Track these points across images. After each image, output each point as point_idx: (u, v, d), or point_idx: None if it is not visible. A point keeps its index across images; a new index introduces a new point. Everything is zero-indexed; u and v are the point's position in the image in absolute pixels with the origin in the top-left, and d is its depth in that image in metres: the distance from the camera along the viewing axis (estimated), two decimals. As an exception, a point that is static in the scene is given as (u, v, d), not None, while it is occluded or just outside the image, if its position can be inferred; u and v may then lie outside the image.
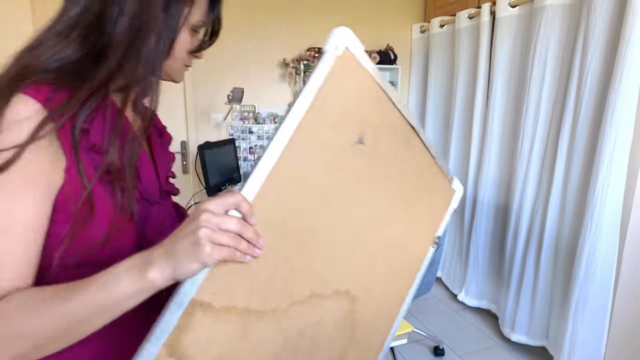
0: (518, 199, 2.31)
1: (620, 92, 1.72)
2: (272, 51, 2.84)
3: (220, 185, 2.24)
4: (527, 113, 2.21)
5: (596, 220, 1.82)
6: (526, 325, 2.24)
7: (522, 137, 2.25)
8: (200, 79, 2.70)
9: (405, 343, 2.07)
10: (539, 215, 2.22)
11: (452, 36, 2.83)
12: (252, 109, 2.86)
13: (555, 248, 2.15)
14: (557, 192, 2.08)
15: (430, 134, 3.08)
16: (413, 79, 3.22)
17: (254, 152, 2.90)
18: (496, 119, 2.45)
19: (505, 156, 2.46)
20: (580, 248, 1.88)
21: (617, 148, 1.75)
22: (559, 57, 2.10)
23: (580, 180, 1.98)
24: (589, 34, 1.89)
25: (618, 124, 1.74)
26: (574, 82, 1.98)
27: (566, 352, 1.94)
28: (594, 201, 1.82)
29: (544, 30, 2.09)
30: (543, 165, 2.20)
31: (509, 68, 2.38)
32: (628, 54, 1.69)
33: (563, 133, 2.03)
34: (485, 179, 2.53)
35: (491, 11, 2.45)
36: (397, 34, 3.16)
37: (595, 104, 1.91)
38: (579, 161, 1.97)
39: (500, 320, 2.42)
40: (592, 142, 1.93)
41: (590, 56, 1.89)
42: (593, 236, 1.83)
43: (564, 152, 2.04)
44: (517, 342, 2.24)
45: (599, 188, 1.80)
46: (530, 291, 2.23)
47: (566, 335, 1.93)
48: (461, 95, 2.75)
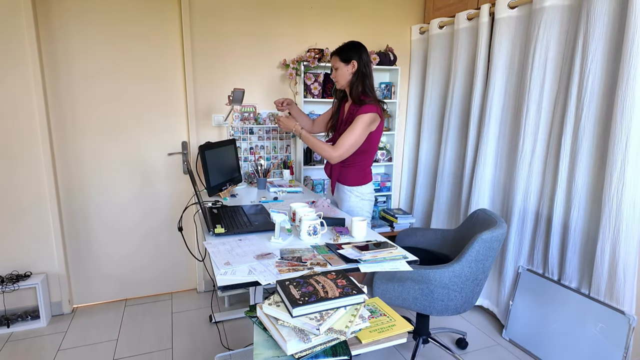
0: (521, 199, 2.32)
1: (628, 93, 1.74)
2: (272, 52, 2.85)
3: (221, 186, 2.25)
4: (528, 114, 2.22)
5: (614, 219, 1.83)
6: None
7: (522, 138, 2.26)
8: (201, 80, 2.71)
9: (404, 342, 2.07)
10: (544, 215, 2.23)
11: (451, 37, 2.84)
12: (253, 109, 2.87)
13: (562, 247, 2.16)
14: (562, 192, 2.09)
15: (427, 134, 3.10)
16: (412, 79, 3.23)
17: (254, 152, 2.91)
18: (493, 119, 2.46)
19: (503, 157, 2.47)
20: (601, 249, 1.89)
21: (630, 148, 1.76)
22: (559, 58, 2.12)
23: (589, 181, 1.99)
24: (588, 35, 1.90)
25: (628, 125, 1.75)
26: (574, 83, 1.99)
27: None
28: (610, 202, 1.83)
29: (544, 31, 2.11)
30: (546, 165, 2.21)
31: (508, 69, 2.39)
32: (633, 55, 1.71)
33: (565, 134, 2.05)
34: (480, 180, 2.54)
35: (490, 12, 2.46)
36: (396, 35, 3.18)
37: (598, 105, 1.93)
38: (586, 162, 1.99)
39: (502, 321, 2.43)
40: (599, 143, 1.94)
41: (590, 57, 1.91)
42: (613, 236, 1.84)
43: (567, 152, 2.06)
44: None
45: (614, 188, 1.81)
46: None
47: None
48: (458, 97, 2.77)
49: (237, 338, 2.38)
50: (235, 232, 1.64)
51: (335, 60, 2.02)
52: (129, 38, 2.55)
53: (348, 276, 1.19)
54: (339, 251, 1.44)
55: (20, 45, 2.31)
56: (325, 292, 1.08)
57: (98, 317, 2.61)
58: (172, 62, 2.66)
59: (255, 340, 1.09)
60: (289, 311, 1.02)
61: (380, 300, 1.32)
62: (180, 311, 2.69)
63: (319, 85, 2.85)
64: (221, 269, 1.30)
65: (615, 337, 1.85)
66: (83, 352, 2.23)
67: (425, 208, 3.22)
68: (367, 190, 2.10)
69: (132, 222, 2.77)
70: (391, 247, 1.46)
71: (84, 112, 2.55)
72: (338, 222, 1.75)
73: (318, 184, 3.08)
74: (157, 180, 2.78)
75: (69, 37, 2.44)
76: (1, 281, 2.43)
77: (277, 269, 1.30)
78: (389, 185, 3.31)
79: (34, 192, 2.47)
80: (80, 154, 2.59)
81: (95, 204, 2.67)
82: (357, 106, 1.99)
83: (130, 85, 2.61)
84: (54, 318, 2.60)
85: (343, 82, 2.03)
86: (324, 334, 1.01)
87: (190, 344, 2.31)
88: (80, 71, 2.49)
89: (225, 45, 2.73)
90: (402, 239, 2.36)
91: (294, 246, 1.52)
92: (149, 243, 2.84)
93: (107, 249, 2.76)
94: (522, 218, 2.34)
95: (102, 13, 2.47)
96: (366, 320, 1.10)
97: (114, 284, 2.82)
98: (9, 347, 2.28)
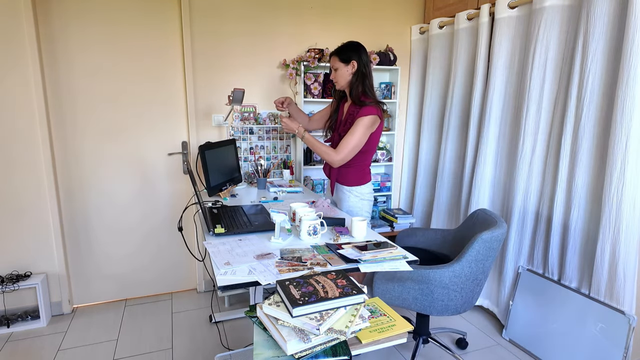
0: (521, 199, 2.32)
1: (628, 93, 1.74)
2: (272, 52, 2.85)
3: (221, 186, 2.25)
4: (528, 114, 2.22)
5: (614, 219, 1.83)
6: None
7: (522, 138, 2.26)
8: (201, 79, 2.71)
9: (404, 342, 2.07)
10: (544, 215, 2.23)
11: (451, 37, 2.84)
12: (253, 109, 2.87)
13: (562, 247, 2.16)
14: (562, 192, 2.09)
15: (427, 134, 3.10)
16: (412, 79, 3.23)
17: (254, 152, 2.91)
18: (493, 119, 2.46)
19: (503, 157, 2.47)
20: (601, 249, 1.89)
21: (630, 148, 1.76)
22: (559, 58, 2.12)
23: (589, 181, 1.99)
24: (588, 35, 1.90)
25: (628, 125, 1.75)
26: (574, 83, 1.99)
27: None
28: (610, 202, 1.83)
29: (544, 31, 2.11)
30: (546, 165, 2.21)
31: (508, 69, 2.39)
32: (633, 55, 1.71)
33: (565, 134, 2.05)
34: (480, 180, 2.54)
35: (490, 12, 2.46)
36: (396, 35, 3.18)
37: (598, 105, 1.93)
38: (586, 162, 1.99)
39: (502, 320, 2.43)
40: (599, 143, 1.94)
41: (590, 57, 1.91)
42: (613, 236, 1.84)
43: (567, 152, 2.06)
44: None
45: (614, 188, 1.81)
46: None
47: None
48: (458, 96, 2.77)
49: (237, 338, 2.38)
50: (235, 232, 1.64)
51: (335, 61, 2.02)
52: (129, 37, 2.55)
53: (348, 276, 1.19)
54: (339, 251, 1.44)
55: (20, 45, 2.31)
56: (325, 292, 1.08)
57: (98, 317, 2.61)
58: (172, 61, 2.66)
59: (255, 340, 1.09)
60: (289, 311, 1.02)
61: (380, 300, 1.32)
62: (180, 311, 2.69)
63: (319, 85, 2.85)
64: (221, 269, 1.30)
65: (615, 337, 1.85)
66: (83, 352, 2.23)
67: (425, 208, 3.22)
68: (367, 190, 2.10)
69: (131, 222, 2.77)
70: (391, 247, 1.46)
71: (84, 112, 2.55)
72: (338, 222, 1.75)
73: (318, 184, 3.08)
74: (157, 180, 2.78)
75: (68, 37, 2.44)
76: (1, 281, 2.43)
77: (277, 269, 1.30)
78: (389, 185, 3.31)
79: (34, 192, 2.47)
80: (80, 154, 2.59)
81: (95, 203, 2.67)
82: (357, 107, 1.98)
83: (130, 85, 2.61)
84: (54, 318, 2.60)
85: (343, 82, 2.03)
86: (324, 334, 1.01)
87: (190, 344, 2.31)
88: (80, 71, 2.49)
89: (225, 45, 2.73)
90: (402, 239, 2.36)
91: (294, 246, 1.52)
92: (149, 243, 2.84)
93: (107, 248, 2.76)
94: (522, 218, 2.34)
95: (102, 12, 2.47)
96: (366, 320, 1.10)
97: (114, 283, 2.81)
98: (9, 347, 2.28)
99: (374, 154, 2.30)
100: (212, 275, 2.90)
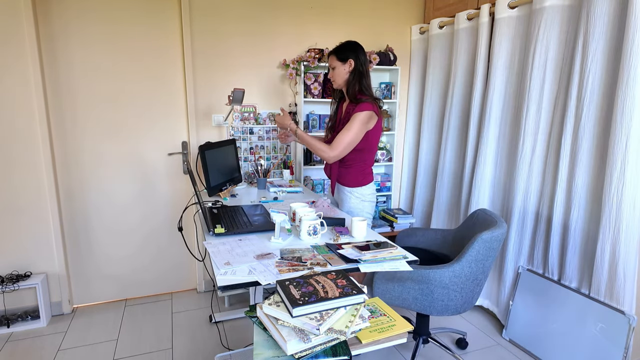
0: (521, 199, 2.32)
1: (628, 93, 1.74)
2: (272, 51, 2.85)
3: (221, 186, 2.25)
4: (528, 114, 2.22)
5: (614, 219, 1.83)
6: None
7: (522, 138, 2.26)
8: (201, 79, 2.71)
9: (404, 342, 2.07)
10: (544, 215, 2.23)
11: (451, 37, 2.84)
12: (253, 109, 2.87)
13: (563, 247, 2.16)
14: (562, 192, 2.09)
15: (427, 134, 3.10)
16: (412, 79, 3.23)
17: (254, 152, 2.91)
18: (493, 119, 2.46)
19: (503, 157, 2.47)
20: (601, 249, 1.89)
21: (630, 148, 1.76)
22: (559, 58, 2.12)
23: (589, 181, 1.99)
24: (588, 35, 1.90)
25: (628, 125, 1.75)
26: (574, 83, 1.99)
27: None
28: (610, 202, 1.83)
29: (544, 31, 2.11)
30: (546, 165, 2.21)
31: (508, 69, 2.39)
32: (633, 55, 1.71)
33: (565, 134, 2.05)
34: (480, 180, 2.54)
35: (490, 12, 2.46)
36: (396, 35, 3.18)
37: (598, 105, 1.93)
38: (586, 162, 1.99)
39: (502, 320, 2.43)
40: (599, 143, 1.94)
41: (590, 57, 1.91)
42: (613, 236, 1.84)
43: (567, 152, 2.06)
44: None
45: (614, 188, 1.81)
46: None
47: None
48: (458, 97, 2.77)
49: (237, 338, 2.38)
50: (235, 232, 1.64)
51: (333, 60, 2.02)
52: (129, 37, 2.55)
53: (348, 276, 1.18)
54: (339, 251, 1.44)
55: (20, 44, 2.31)
56: (325, 292, 1.08)
57: (98, 317, 2.61)
58: (172, 61, 2.66)
59: (255, 340, 1.09)
60: (289, 311, 1.02)
61: (380, 300, 1.32)
62: (180, 311, 2.69)
63: (319, 85, 2.85)
64: (221, 269, 1.30)
65: (615, 337, 1.85)
66: (83, 352, 2.23)
67: (425, 208, 3.22)
68: (368, 191, 2.09)
69: (131, 222, 2.77)
70: (391, 247, 1.46)
71: (84, 111, 2.54)
72: (338, 222, 1.75)
73: (318, 184, 3.07)
74: (157, 180, 2.78)
75: (68, 36, 2.44)
76: (1, 281, 2.43)
77: (277, 269, 1.30)
78: (389, 185, 3.31)
79: (34, 192, 2.47)
80: (80, 154, 2.59)
81: (95, 203, 2.67)
82: (354, 105, 1.98)
83: (130, 84, 2.61)
84: (54, 318, 2.60)
85: (340, 81, 2.03)
86: (324, 334, 1.01)
87: (190, 344, 2.31)
88: (80, 70, 2.49)
89: (225, 45, 2.73)
90: (402, 239, 2.36)
91: (294, 246, 1.52)
92: (149, 243, 2.84)
93: (107, 248, 2.76)
94: (522, 218, 2.34)
95: (102, 12, 2.47)
96: (366, 320, 1.10)
97: (114, 283, 2.81)
98: (9, 347, 2.28)
99: (375, 155, 2.30)
100: (212, 275, 2.90)
